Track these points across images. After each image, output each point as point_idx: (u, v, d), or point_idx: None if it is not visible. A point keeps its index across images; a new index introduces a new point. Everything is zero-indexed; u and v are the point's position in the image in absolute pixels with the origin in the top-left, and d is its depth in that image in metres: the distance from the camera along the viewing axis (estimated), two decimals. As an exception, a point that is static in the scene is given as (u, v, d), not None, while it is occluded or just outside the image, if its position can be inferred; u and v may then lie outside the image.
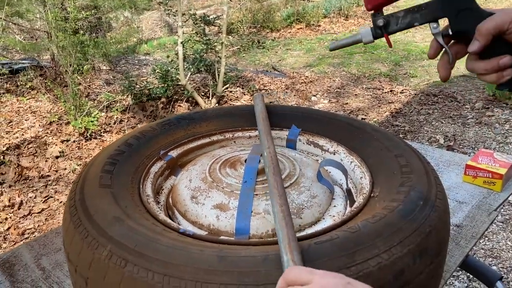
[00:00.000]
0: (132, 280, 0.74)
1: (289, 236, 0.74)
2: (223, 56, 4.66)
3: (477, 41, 0.74)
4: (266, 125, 1.15)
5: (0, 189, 3.54)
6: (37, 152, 4.14)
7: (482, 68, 0.76)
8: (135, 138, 1.14)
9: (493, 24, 0.72)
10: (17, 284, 1.08)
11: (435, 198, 0.91)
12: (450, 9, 0.77)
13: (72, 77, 4.38)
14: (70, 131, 4.38)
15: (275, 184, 0.88)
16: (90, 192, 0.93)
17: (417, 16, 0.80)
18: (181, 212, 1.01)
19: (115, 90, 5.25)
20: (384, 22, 0.81)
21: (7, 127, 4.66)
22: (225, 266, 0.73)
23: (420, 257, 0.80)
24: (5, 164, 3.84)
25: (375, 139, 1.14)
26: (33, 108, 5.09)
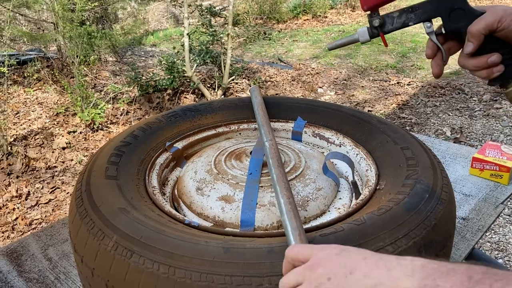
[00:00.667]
0: (137, 271, 0.75)
1: (299, 228, 0.75)
2: (229, 48, 4.64)
3: (470, 43, 0.76)
4: (265, 117, 1.14)
5: (8, 180, 3.56)
6: (44, 143, 4.16)
7: (472, 65, 0.78)
8: (141, 129, 1.14)
9: (483, 25, 0.74)
10: (25, 274, 1.09)
11: (441, 191, 0.91)
12: (443, 9, 0.79)
13: (79, 68, 4.39)
14: (76, 122, 4.40)
15: (280, 175, 0.88)
16: (96, 184, 0.93)
17: (411, 16, 0.82)
18: (187, 203, 1.02)
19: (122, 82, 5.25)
20: (380, 22, 0.83)
21: (15, 118, 4.68)
22: (230, 257, 0.73)
23: (425, 250, 0.80)
24: (13, 155, 3.86)
25: (381, 132, 1.13)
26: (40, 99, 5.11)
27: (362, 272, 0.50)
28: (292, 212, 0.78)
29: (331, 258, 0.55)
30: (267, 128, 1.08)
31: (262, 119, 1.13)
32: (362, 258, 0.52)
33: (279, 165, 0.91)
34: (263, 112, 1.17)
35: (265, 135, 1.04)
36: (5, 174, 3.63)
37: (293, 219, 0.77)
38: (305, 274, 0.55)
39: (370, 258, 0.51)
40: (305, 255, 0.58)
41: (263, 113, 1.16)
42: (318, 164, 1.08)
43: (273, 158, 0.94)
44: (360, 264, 0.51)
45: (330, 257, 0.55)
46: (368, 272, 0.49)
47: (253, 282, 0.71)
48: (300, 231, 0.74)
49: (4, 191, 3.41)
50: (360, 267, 0.50)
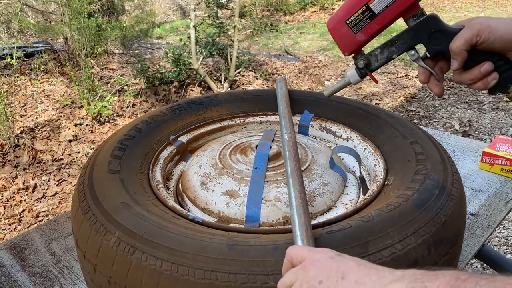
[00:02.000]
0: (140, 267, 0.73)
1: (307, 224, 0.73)
2: (236, 40, 4.61)
3: (455, 60, 0.77)
4: (287, 109, 1.12)
5: (15, 172, 3.58)
6: (51, 135, 4.16)
7: (467, 79, 0.79)
8: (144, 123, 1.13)
9: (462, 42, 0.75)
10: (28, 269, 1.08)
11: (451, 187, 0.88)
12: (420, 35, 0.80)
13: (85, 61, 4.38)
14: (83, 114, 4.40)
15: (295, 169, 0.86)
16: (99, 178, 0.92)
17: (393, 49, 0.84)
18: (191, 198, 1.00)
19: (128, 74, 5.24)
20: (365, 63, 0.85)
21: (22, 110, 4.69)
22: (234, 254, 0.71)
23: (435, 248, 0.78)
24: (20, 147, 3.87)
25: (390, 126, 1.11)
26: (46, 92, 5.11)
27: (354, 278, 0.50)
28: (302, 208, 0.77)
29: (325, 261, 0.55)
30: (288, 120, 1.06)
31: (284, 111, 1.11)
32: (356, 264, 0.52)
33: (295, 159, 0.89)
34: (286, 104, 1.15)
35: (285, 127, 1.02)
36: (12, 167, 3.64)
37: (302, 215, 0.75)
38: (298, 275, 0.56)
39: (363, 266, 0.52)
40: (303, 255, 0.58)
41: (286, 105, 1.14)
42: (325, 158, 1.06)
43: (290, 151, 0.92)
44: (352, 270, 0.51)
45: (324, 260, 0.55)
46: (359, 278, 0.49)
47: (258, 280, 0.69)
48: (307, 227, 0.72)
49: (11, 183, 3.43)
50: (352, 273, 0.50)
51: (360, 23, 0.82)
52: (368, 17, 0.81)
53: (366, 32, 0.82)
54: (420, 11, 0.80)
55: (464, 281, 0.41)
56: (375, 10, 0.80)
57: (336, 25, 0.84)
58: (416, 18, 0.80)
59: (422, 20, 0.80)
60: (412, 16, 0.80)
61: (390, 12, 0.79)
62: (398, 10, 0.79)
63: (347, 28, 0.83)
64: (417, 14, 0.80)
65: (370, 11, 0.80)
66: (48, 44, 6.03)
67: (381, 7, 0.79)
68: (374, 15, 0.80)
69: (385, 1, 0.78)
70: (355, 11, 0.81)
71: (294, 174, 0.84)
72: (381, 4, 0.79)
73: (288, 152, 0.92)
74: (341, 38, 0.84)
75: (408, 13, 0.80)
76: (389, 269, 0.50)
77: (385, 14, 0.79)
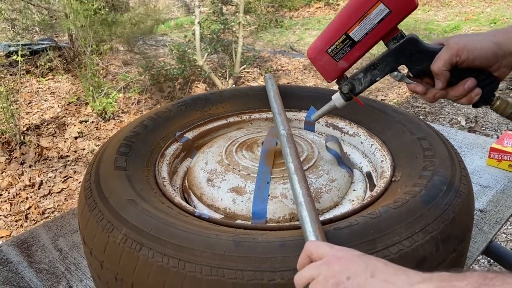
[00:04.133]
0: (147, 264, 0.73)
1: (317, 220, 0.73)
2: (241, 36, 4.60)
3: (438, 80, 0.78)
4: (280, 106, 1.12)
5: (21, 169, 3.59)
6: (56, 132, 4.17)
7: (453, 96, 0.79)
8: (150, 119, 1.12)
9: (442, 63, 0.76)
10: (35, 265, 1.08)
11: (459, 183, 0.88)
12: (402, 57, 0.81)
13: (91, 58, 4.39)
14: (88, 111, 4.41)
15: (298, 166, 0.85)
16: (105, 175, 0.92)
17: (376, 72, 0.84)
18: (197, 195, 1.00)
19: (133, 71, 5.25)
20: (349, 88, 0.85)
21: (27, 107, 4.70)
22: (241, 251, 0.71)
23: (443, 244, 0.77)
24: (26, 144, 3.88)
25: (397, 121, 1.10)
26: (52, 89, 5.13)
27: (384, 277, 0.49)
28: (311, 204, 0.76)
29: (352, 258, 0.54)
30: (283, 117, 1.05)
31: (278, 108, 1.10)
32: (382, 264, 0.52)
33: (296, 156, 0.89)
34: (279, 101, 1.15)
35: (281, 124, 1.02)
36: (18, 163, 3.65)
37: (312, 212, 0.75)
38: (321, 270, 0.55)
39: (390, 266, 0.51)
40: (324, 251, 0.58)
41: (279, 102, 1.13)
42: (331, 155, 1.05)
43: (290, 148, 0.91)
44: (381, 269, 0.51)
45: (350, 257, 0.55)
46: (389, 277, 0.49)
47: (265, 277, 0.69)
48: (319, 224, 0.72)
49: (17, 180, 3.44)
50: (381, 272, 0.50)
51: (341, 51, 0.82)
52: (348, 45, 0.81)
53: (348, 59, 0.83)
54: (399, 33, 0.80)
55: (492, 279, 0.41)
56: (355, 38, 0.80)
57: (317, 55, 0.84)
58: (396, 41, 0.80)
59: (402, 42, 0.80)
60: (392, 39, 0.80)
61: (370, 38, 0.80)
62: (378, 35, 0.79)
63: (328, 57, 0.83)
64: (396, 37, 0.80)
65: (350, 39, 0.80)
66: (53, 41, 6.04)
67: (361, 34, 0.79)
68: (354, 43, 0.80)
69: (365, 29, 0.79)
70: (335, 40, 0.81)
71: (298, 171, 0.84)
72: (361, 31, 0.79)
73: (288, 149, 0.91)
74: (323, 67, 0.84)
75: (388, 37, 0.80)
76: (415, 271, 0.50)
77: (366, 40, 0.80)
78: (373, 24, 0.78)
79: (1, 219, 3.11)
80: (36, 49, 5.71)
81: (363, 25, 0.79)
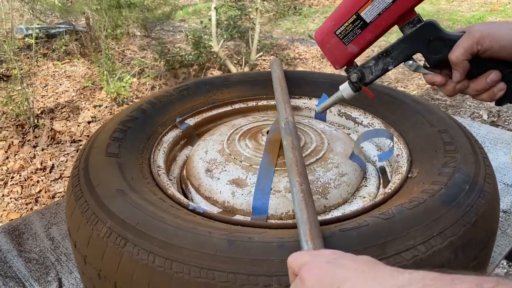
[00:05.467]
0: (131, 261, 0.66)
1: (310, 221, 0.64)
2: (258, 23, 4.49)
3: (456, 71, 0.71)
4: (284, 93, 1.03)
5: (33, 152, 3.58)
6: (70, 116, 4.15)
7: (473, 90, 0.72)
8: (149, 103, 1.05)
9: (461, 51, 0.68)
10: (25, 254, 1.03)
11: (483, 182, 0.78)
12: (418, 44, 0.73)
13: (106, 42, 4.34)
14: (102, 96, 4.38)
15: (296, 159, 0.77)
16: (95, 161, 0.85)
17: (388, 60, 0.76)
18: (195, 186, 0.93)
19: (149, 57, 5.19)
20: (358, 76, 0.78)
21: (43, 90, 4.70)
22: (235, 252, 0.64)
23: (463, 251, 0.69)
24: (39, 128, 3.87)
25: (416, 112, 1.00)
26: (68, 73, 5.11)
27: (351, 285, 0.41)
28: (304, 202, 0.68)
29: (320, 266, 0.47)
30: (286, 105, 0.97)
31: (280, 94, 1.02)
32: (353, 269, 0.44)
33: (295, 147, 0.81)
34: (283, 87, 1.06)
35: (282, 112, 0.93)
36: (31, 147, 3.64)
37: (304, 211, 0.66)
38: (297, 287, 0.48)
39: (362, 272, 0.43)
40: (302, 261, 0.50)
41: (283, 88, 1.05)
42: (342, 146, 0.97)
43: (288, 139, 0.83)
44: (350, 277, 0.43)
45: (319, 265, 0.47)
46: (358, 285, 0.41)
47: (259, 281, 0.61)
48: (311, 225, 0.64)
49: (29, 163, 3.43)
50: (350, 279, 0.42)
51: (351, 33, 0.74)
52: (359, 26, 0.73)
53: (358, 43, 0.74)
54: (416, 17, 0.72)
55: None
56: (366, 19, 0.71)
57: (324, 36, 0.76)
58: (412, 26, 0.72)
59: (419, 27, 0.72)
60: (407, 23, 0.72)
61: (383, 20, 0.71)
62: (392, 17, 0.71)
63: (337, 39, 0.75)
64: (413, 21, 0.72)
65: (361, 20, 0.72)
66: (71, 25, 6.02)
67: (373, 15, 0.71)
68: (365, 24, 0.72)
69: (378, 8, 0.70)
70: (345, 21, 0.73)
71: (298, 164, 0.76)
72: (373, 11, 0.71)
73: (289, 140, 0.83)
74: (331, 51, 0.77)
75: (403, 20, 0.72)
76: (396, 271, 0.41)
77: (378, 22, 0.71)
78: (387, 3, 0.70)
79: (12, 201, 3.10)
80: (53, 32, 5.70)
81: (376, 4, 0.70)
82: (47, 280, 0.96)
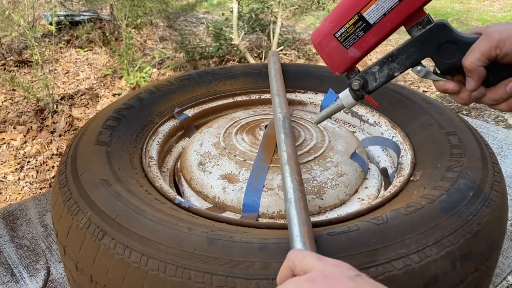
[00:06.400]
0: (107, 255, 0.63)
1: (307, 223, 0.60)
2: (279, 16, 4.43)
3: (470, 79, 0.62)
4: (281, 87, 0.98)
5: (51, 138, 3.61)
6: (89, 103, 4.18)
7: (489, 99, 0.63)
8: (148, 92, 1.02)
9: (476, 56, 0.60)
10: (17, 240, 1.01)
11: (489, 190, 0.73)
12: (428, 47, 0.65)
13: (126, 31, 4.35)
14: (122, 85, 4.39)
15: (293, 156, 0.73)
16: (84, 149, 0.82)
17: (394, 66, 0.68)
18: (187, 179, 0.89)
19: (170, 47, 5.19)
20: (360, 84, 0.69)
21: (64, 77, 4.74)
22: (214, 251, 0.60)
23: (462, 262, 0.64)
24: (58, 113, 3.91)
25: (425, 112, 0.95)
26: (90, 60, 5.15)
27: None
28: (303, 202, 0.64)
29: (342, 279, 0.42)
30: (282, 99, 0.92)
31: (277, 88, 0.97)
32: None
33: (290, 144, 0.76)
34: (280, 80, 1.01)
35: (279, 106, 0.89)
36: (49, 132, 3.68)
37: (302, 211, 0.62)
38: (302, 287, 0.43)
39: None
40: (310, 264, 0.46)
41: (280, 82, 1.00)
42: (344, 145, 0.92)
43: (285, 134, 0.79)
44: None
45: (340, 277, 0.42)
46: None
47: (237, 284, 0.58)
48: (309, 228, 0.60)
49: (45, 148, 3.46)
50: None
51: (352, 36, 0.66)
52: (361, 28, 0.65)
53: (360, 47, 0.67)
54: (426, 18, 0.64)
55: None
56: (369, 19, 0.64)
57: (322, 39, 0.68)
58: (421, 27, 0.64)
59: (429, 29, 0.64)
60: (416, 24, 0.65)
61: (388, 21, 0.64)
62: (399, 18, 0.63)
63: (337, 42, 0.67)
64: (422, 22, 0.64)
65: (363, 21, 0.64)
66: (95, 13, 6.06)
67: (377, 15, 0.63)
68: (369, 26, 0.64)
69: (382, 8, 0.63)
70: (345, 22, 0.65)
71: (291, 161, 0.71)
72: (377, 12, 0.63)
73: (283, 135, 0.78)
74: (330, 55, 0.69)
75: (411, 21, 0.64)
76: None
77: (383, 23, 0.64)
78: (393, 2, 0.62)
79: (27, 185, 3.13)
80: (78, 20, 5.76)
81: (380, 3, 0.62)
82: (35, 267, 0.94)
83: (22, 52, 4.89)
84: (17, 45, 4.91)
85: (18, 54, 4.75)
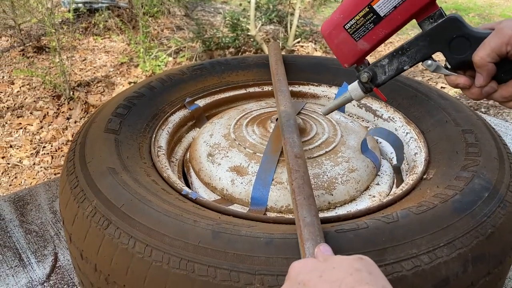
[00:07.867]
0: (111, 244, 0.63)
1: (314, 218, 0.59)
2: (297, 8, 4.38)
3: (479, 75, 0.61)
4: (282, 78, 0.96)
5: (66, 124, 3.64)
6: (105, 91, 4.20)
7: (500, 96, 0.62)
8: (159, 81, 1.01)
9: (486, 51, 0.59)
10: (26, 225, 1.02)
11: (506, 191, 0.71)
12: (439, 42, 0.64)
13: (143, 19, 4.36)
14: (138, 73, 4.41)
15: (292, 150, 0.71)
16: (93, 137, 0.82)
17: (404, 59, 0.67)
18: (196, 170, 0.88)
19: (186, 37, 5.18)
20: (369, 76, 0.69)
21: (81, 64, 4.77)
22: (219, 244, 0.59)
23: (474, 265, 0.62)
24: (74, 100, 3.93)
25: (441, 109, 0.92)
26: (107, 48, 5.17)
27: None
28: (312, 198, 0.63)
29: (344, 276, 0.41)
30: (285, 91, 0.90)
31: (279, 80, 0.96)
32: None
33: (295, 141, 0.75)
34: (281, 72, 0.99)
35: (282, 99, 0.87)
36: (65, 118, 3.71)
37: (311, 207, 0.61)
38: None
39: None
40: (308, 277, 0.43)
41: (281, 74, 0.98)
42: (356, 140, 0.90)
43: (290, 127, 0.77)
44: None
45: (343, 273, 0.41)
46: None
47: (241, 279, 0.57)
48: (315, 222, 0.58)
49: (61, 134, 3.49)
50: None
51: (362, 28, 0.65)
52: (371, 20, 0.64)
53: (370, 39, 0.66)
54: (438, 11, 0.62)
55: None
56: (380, 12, 0.63)
57: (332, 30, 0.67)
58: (433, 21, 0.63)
59: (440, 23, 0.63)
60: (427, 18, 0.63)
61: (399, 14, 0.62)
62: (410, 11, 0.62)
63: (346, 34, 0.66)
64: (434, 16, 0.63)
65: (374, 14, 0.63)
66: (113, 1, 6.08)
67: (388, 8, 0.62)
68: (379, 18, 0.63)
69: (393, 1, 0.62)
70: (355, 14, 0.65)
71: (295, 157, 0.70)
72: (388, 4, 0.62)
73: (288, 128, 0.77)
74: (339, 47, 0.68)
75: (423, 15, 0.63)
76: None
77: (393, 16, 0.63)
78: None
79: (42, 171, 3.16)
80: (96, 7, 5.78)
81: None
82: (43, 253, 0.94)
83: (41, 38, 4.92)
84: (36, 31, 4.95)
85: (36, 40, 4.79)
